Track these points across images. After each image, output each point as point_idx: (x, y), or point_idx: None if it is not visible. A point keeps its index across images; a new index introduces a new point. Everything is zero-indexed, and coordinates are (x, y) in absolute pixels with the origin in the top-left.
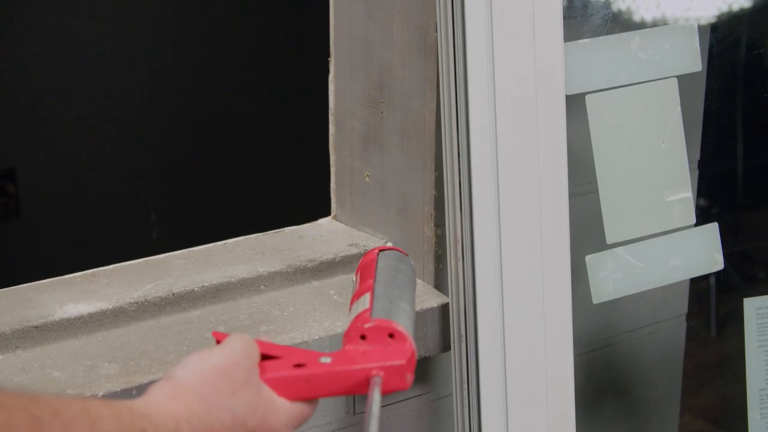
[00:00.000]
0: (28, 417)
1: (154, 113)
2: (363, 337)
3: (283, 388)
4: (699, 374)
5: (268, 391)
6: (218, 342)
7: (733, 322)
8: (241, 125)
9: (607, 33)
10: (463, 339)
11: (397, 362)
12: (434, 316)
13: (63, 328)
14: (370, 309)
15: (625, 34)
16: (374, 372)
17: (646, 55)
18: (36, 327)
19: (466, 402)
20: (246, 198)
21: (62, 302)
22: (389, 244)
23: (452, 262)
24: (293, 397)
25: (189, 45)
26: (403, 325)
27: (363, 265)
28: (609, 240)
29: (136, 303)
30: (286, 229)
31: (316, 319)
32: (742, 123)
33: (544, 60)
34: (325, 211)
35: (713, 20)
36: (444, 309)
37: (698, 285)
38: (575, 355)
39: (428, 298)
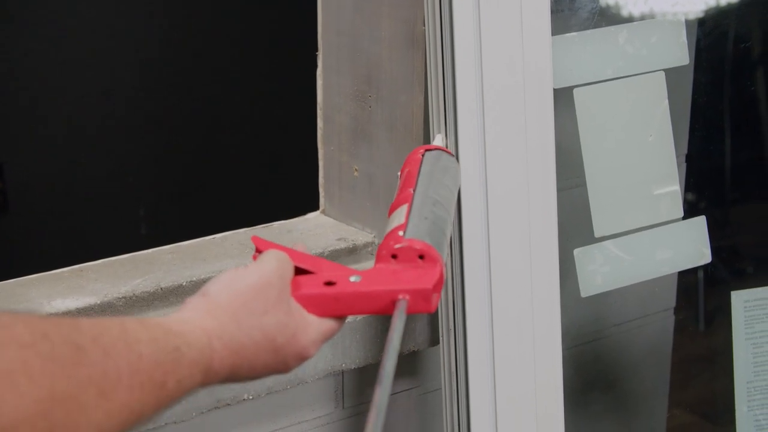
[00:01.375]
0: (70, 346)
1: (142, 109)
2: (394, 257)
3: (313, 305)
4: (687, 367)
5: (298, 308)
6: (257, 249)
7: (721, 315)
8: (229, 120)
9: (595, 26)
10: (452, 333)
11: (423, 286)
12: None
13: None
14: (405, 225)
15: (612, 28)
16: (401, 295)
17: (634, 49)
18: None
19: (454, 396)
20: (235, 193)
21: (50, 297)
22: (438, 141)
23: None
24: (322, 314)
25: (177, 40)
26: (436, 245)
27: (408, 164)
28: (597, 233)
29: (124, 298)
30: (275, 223)
31: None
32: (730, 116)
33: (531, 53)
34: (314, 206)
35: (701, 15)
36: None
37: (686, 278)
38: (564, 349)
39: None
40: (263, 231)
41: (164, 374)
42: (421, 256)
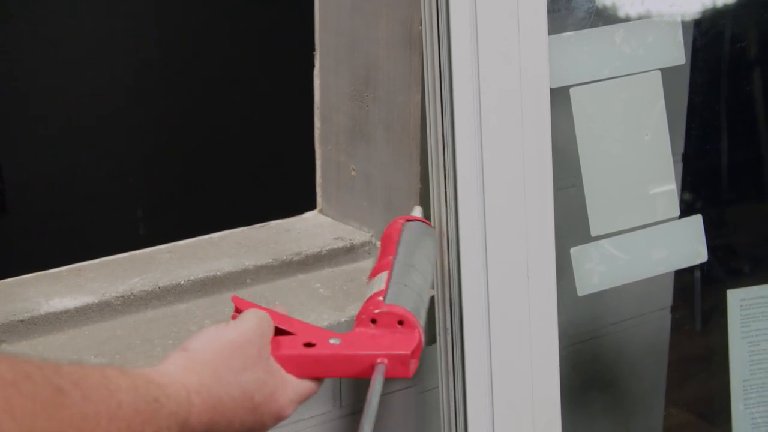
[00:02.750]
0: (51, 388)
1: (140, 109)
2: (374, 321)
3: (293, 365)
4: (684, 366)
5: (277, 368)
6: (236, 309)
7: (717, 314)
8: (227, 120)
9: (591, 26)
10: (449, 332)
11: (402, 352)
12: None
13: (49, 322)
14: (385, 292)
15: (609, 27)
16: (379, 360)
17: (630, 49)
18: (22, 321)
19: (452, 394)
20: (232, 192)
21: (48, 296)
22: (416, 213)
23: (438, 255)
24: (301, 375)
25: (175, 40)
26: (415, 311)
27: (387, 235)
28: (594, 232)
29: (122, 297)
30: (272, 222)
31: (302, 312)
32: (726, 116)
33: (528, 53)
34: (311, 205)
35: (697, 15)
36: (430, 302)
37: (683, 277)
38: (560, 347)
39: None
40: (260, 230)
41: (142, 423)
42: (401, 322)
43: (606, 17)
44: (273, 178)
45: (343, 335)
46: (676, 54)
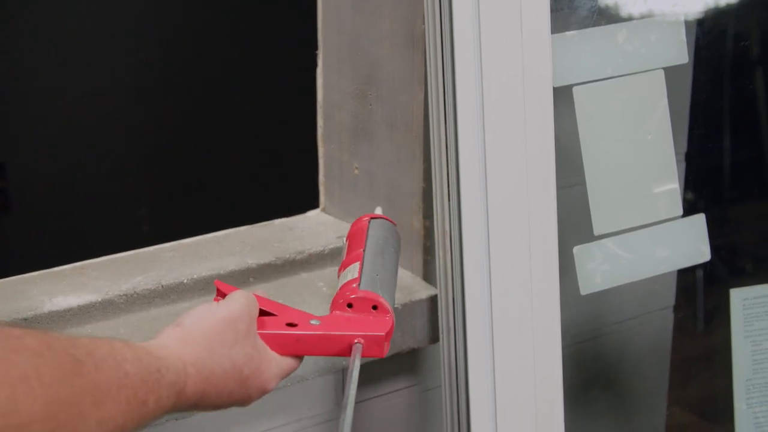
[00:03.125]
0: (69, 358)
1: (143, 108)
2: (350, 306)
3: (276, 343)
4: (686, 365)
5: (262, 345)
6: (219, 290)
7: (720, 313)
8: (229, 118)
9: (594, 25)
10: (452, 331)
11: (377, 333)
12: (423, 308)
13: (52, 320)
14: (359, 279)
15: (611, 26)
16: (356, 340)
17: (633, 48)
18: (25, 319)
19: (454, 393)
20: (235, 191)
21: (52, 294)
22: (379, 211)
23: (440, 253)
24: (283, 353)
25: (176, 39)
26: (387, 298)
27: (353, 232)
28: (596, 231)
29: (126, 295)
30: (275, 221)
31: (305, 310)
32: (729, 115)
33: (531, 52)
34: (314, 204)
35: (700, 14)
36: (432, 301)
37: (685, 276)
38: (563, 346)
39: (417, 290)
40: (264, 229)
41: (146, 392)
42: (375, 307)
43: (609, 16)
44: (276, 177)
45: (322, 318)
46: (679, 53)
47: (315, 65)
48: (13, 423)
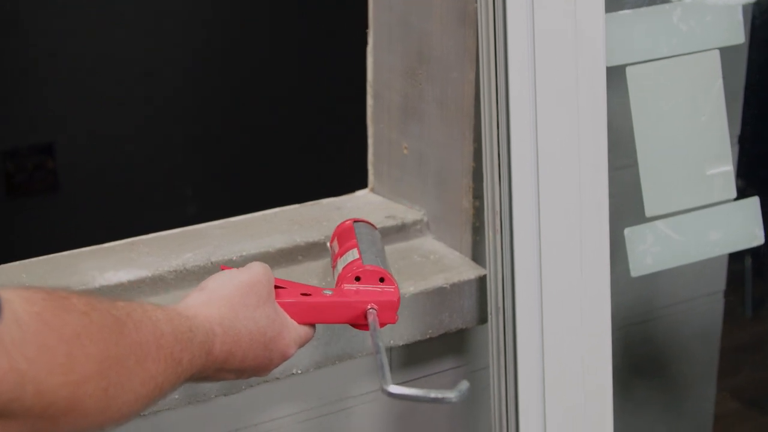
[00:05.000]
0: (112, 318)
1: (190, 87)
2: (357, 279)
3: (292, 311)
4: (735, 352)
5: (281, 311)
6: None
7: None
8: (278, 97)
9: (649, 4)
10: (501, 311)
11: (389, 299)
12: (471, 288)
13: (103, 294)
14: (361, 258)
15: (666, 6)
16: (370, 306)
17: (688, 27)
18: None
19: (503, 374)
20: (285, 170)
21: (102, 270)
22: (359, 216)
23: (490, 234)
24: (300, 321)
25: (227, 19)
26: (391, 273)
27: (339, 232)
28: (648, 213)
29: (175, 271)
30: (324, 200)
31: None
32: None
33: (585, 30)
34: (363, 183)
35: None
36: (481, 281)
37: (736, 261)
38: (613, 329)
39: (465, 270)
40: (312, 208)
41: (181, 351)
42: (382, 279)
43: None
44: (325, 156)
45: (333, 289)
46: (735, 33)
47: (365, 44)
48: (71, 380)
